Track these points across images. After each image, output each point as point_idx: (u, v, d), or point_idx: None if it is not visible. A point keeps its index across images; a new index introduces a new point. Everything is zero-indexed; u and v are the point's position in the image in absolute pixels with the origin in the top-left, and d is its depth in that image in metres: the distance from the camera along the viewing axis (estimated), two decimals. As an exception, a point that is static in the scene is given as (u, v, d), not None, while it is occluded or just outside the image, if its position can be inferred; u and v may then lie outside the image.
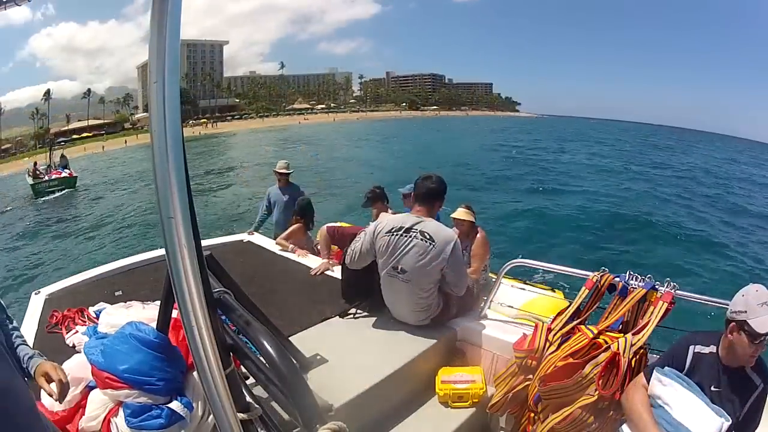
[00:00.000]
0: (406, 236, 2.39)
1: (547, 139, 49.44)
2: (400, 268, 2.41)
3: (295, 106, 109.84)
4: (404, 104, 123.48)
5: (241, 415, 1.09)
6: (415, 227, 2.39)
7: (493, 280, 2.73)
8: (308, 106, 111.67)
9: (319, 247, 4.05)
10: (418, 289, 2.42)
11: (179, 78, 0.70)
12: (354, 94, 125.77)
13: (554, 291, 4.40)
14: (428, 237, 2.36)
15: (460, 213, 3.50)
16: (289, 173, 5.04)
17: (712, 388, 1.64)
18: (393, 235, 2.41)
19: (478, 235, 3.45)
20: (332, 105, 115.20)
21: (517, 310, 3.04)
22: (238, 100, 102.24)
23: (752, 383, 1.60)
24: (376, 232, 2.47)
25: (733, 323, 1.59)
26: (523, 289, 3.71)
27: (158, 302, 1.85)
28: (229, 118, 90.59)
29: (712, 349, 1.68)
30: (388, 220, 2.49)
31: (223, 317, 1.45)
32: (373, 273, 2.56)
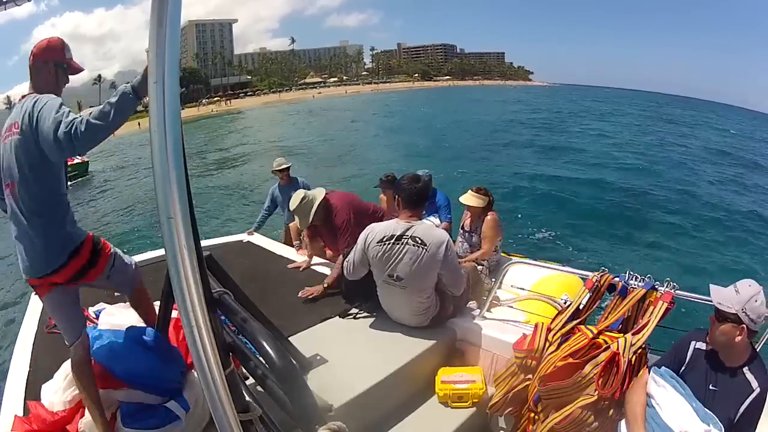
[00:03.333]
0: (398, 244, 2.37)
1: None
2: (395, 275, 2.41)
3: (308, 80, 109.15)
4: (417, 75, 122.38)
5: (241, 415, 1.09)
6: (405, 234, 2.37)
7: (504, 261, 2.61)
8: (320, 79, 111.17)
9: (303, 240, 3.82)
10: (415, 294, 2.42)
11: (179, 78, 0.70)
12: (366, 66, 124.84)
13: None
14: (420, 241, 2.35)
15: (469, 198, 3.47)
16: (288, 167, 4.85)
17: (710, 387, 1.64)
18: (384, 244, 2.39)
19: (488, 217, 3.43)
20: (344, 78, 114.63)
21: (528, 291, 2.97)
22: (249, 77, 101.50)
23: (749, 386, 1.57)
24: (366, 243, 2.45)
25: None
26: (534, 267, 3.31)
27: (158, 302, 1.85)
28: (241, 95, 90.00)
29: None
30: (378, 229, 2.46)
31: (223, 317, 1.45)
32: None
